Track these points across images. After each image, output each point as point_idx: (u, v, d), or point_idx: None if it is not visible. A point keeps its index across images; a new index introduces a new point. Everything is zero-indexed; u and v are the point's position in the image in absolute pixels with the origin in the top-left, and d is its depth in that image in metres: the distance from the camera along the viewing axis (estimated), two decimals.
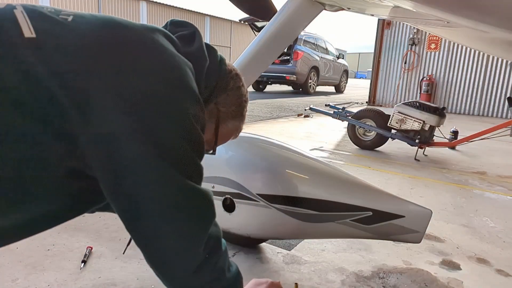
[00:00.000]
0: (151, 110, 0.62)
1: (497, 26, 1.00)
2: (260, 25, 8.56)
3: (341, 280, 1.29)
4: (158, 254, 0.65)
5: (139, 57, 0.65)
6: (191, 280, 0.67)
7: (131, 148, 0.60)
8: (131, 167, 0.61)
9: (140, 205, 0.62)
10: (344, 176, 1.25)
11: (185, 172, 0.65)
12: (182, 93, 0.67)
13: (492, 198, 2.38)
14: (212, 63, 0.80)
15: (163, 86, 0.65)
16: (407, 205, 1.18)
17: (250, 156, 1.30)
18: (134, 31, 0.68)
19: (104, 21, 0.67)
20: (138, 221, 0.64)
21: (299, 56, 10.60)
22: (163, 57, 0.67)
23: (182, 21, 0.83)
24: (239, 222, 1.33)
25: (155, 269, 0.67)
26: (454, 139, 3.79)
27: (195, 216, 0.67)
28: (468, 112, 8.27)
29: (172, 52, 0.69)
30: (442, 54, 8.37)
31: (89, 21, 0.66)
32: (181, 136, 0.65)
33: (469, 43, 2.35)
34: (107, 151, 0.60)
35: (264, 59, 1.54)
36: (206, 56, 0.79)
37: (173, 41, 0.74)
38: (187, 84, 0.67)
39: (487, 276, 1.40)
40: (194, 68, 0.74)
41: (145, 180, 0.62)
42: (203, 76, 0.77)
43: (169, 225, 0.64)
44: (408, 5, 1.05)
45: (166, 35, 0.74)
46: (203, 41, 0.80)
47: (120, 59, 0.63)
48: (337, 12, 1.51)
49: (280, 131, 4.45)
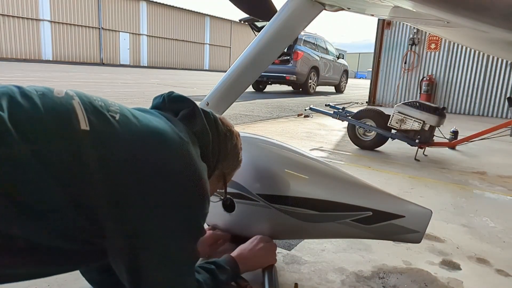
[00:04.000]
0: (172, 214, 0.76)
1: (497, 26, 1.00)
2: (260, 25, 8.57)
3: (341, 280, 1.29)
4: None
5: (174, 174, 0.76)
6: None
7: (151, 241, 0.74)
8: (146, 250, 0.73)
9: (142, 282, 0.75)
10: (344, 176, 1.25)
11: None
12: (201, 202, 0.81)
13: (492, 198, 2.38)
14: (213, 135, 0.93)
15: (189, 193, 0.78)
16: (407, 205, 1.18)
17: (250, 156, 1.30)
18: (169, 150, 0.78)
19: (143, 132, 0.76)
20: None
21: (299, 56, 10.60)
22: (191, 170, 0.79)
23: (179, 96, 0.95)
24: (239, 222, 1.33)
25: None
26: (454, 139, 3.79)
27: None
28: (468, 112, 8.27)
29: (197, 163, 0.81)
30: (442, 54, 8.37)
31: (132, 127, 0.75)
32: (190, 240, 0.80)
33: (469, 43, 2.35)
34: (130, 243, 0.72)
35: (264, 59, 1.54)
36: (209, 131, 0.92)
37: (194, 141, 0.87)
38: (207, 192, 0.82)
39: (487, 276, 1.40)
40: (201, 145, 0.88)
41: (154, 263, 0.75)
42: (210, 150, 0.91)
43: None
44: (408, 5, 1.05)
45: (192, 141, 0.86)
46: (203, 116, 0.92)
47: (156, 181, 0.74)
48: (337, 12, 1.51)
49: (280, 131, 4.45)
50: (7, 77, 9.92)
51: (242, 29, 37.79)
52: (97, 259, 0.78)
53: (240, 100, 7.17)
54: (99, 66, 24.22)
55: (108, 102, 0.78)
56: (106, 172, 0.67)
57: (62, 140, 0.64)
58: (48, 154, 0.62)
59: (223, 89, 1.55)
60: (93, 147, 0.67)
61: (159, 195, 0.73)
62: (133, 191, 0.70)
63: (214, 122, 0.96)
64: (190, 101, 0.94)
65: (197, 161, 0.81)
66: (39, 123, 0.63)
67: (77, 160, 0.65)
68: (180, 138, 0.81)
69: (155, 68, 28.30)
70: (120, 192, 0.69)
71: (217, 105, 1.55)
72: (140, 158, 0.72)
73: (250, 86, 1.80)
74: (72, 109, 0.68)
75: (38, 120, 0.63)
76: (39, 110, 0.64)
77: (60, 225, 0.64)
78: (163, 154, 0.76)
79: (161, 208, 0.73)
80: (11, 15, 22.39)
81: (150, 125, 0.78)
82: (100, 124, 0.70)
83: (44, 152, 0.62)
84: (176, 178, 0.76)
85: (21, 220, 0.60)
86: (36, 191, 0.60)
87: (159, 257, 0.74)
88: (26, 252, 0.64)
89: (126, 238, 0.71)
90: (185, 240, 0.78)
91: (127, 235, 0.71)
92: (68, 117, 0.67)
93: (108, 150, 0.69)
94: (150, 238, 0.72)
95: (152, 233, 0.73)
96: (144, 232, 0.72)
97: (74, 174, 0.64)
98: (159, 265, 0.75)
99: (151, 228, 0.72)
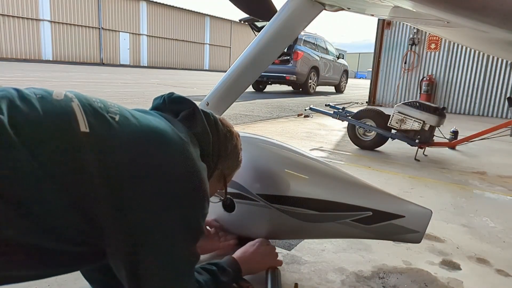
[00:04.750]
0: (172, 213, 0.75)
1: (497, 26, 1.00)
2: (260, 25, 8.57)
3: (341, 280, 1.29)
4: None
5: (173, 170, 0.76)
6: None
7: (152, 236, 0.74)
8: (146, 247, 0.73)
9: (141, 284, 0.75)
10: (344, 176, 1.25)
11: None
12: (201, 202, 0.80)
13: (492, 198, 2.38)
14: (213, 136, 0.93)
15: (188, 194, 0.78)
16: (407, 205, 1.18)
17: (250, 156, 1.30)
18: (169, 150, 0.78)
19: (143, 133, 0.76)
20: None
21: (299, 56, 10.60)
22: (191, 171, 0.79)
23: (180, 97, 0.95)
24: (239, 222, 1.33)
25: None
26: (454, 139, 3.79)
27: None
28: (468, 112, 8.27)
29: (196, 163, 0.81)
30: (442, 54, 8.37)
31: (132, 128, 0.75)
32: (190, 240, 0.80)
33: (469, 43, 2.35)
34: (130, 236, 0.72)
35: (264, 59, 1.54)
36: (209, 132, 0.92)
37: (193, 141, 0.86)
38: (206, 192, 0.81)
39: (487, 276, 1.40)
40: (202, 146, 0.88)
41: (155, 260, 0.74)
42: (210, 151, 0.92)
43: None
44: (408, 5, 1.05)
45: (192, 141, 0.86)
46: (203, 116, 0.93)
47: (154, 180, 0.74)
48: (337, 12, 1.51)
49: (280, 131, 4.45)
50: (7, 77, 9.92)
51: (242, 29, 37.79)
52: (96, 261, 0.77)
53: (240, 100, 7.17)
54: (99, 66, 24.21)
55: (108, 103, 0.78)
56: (105, 174, 0.67)
57: (62, 143, 0.65)
58: (47, 157, 0.62)
59: (223, 89, 1.55)
60: (93, 150, 0.67)
61: (158, 196, 0.73)
62: (132, 193, 0.70)
63: (214, 123, 0.97)
64: (191, 102, 0.94)
65: (196, 161, 0.81)
66: (38, 127, 0.63)
67: (77, 163, 0.65)
68: (180, 138, 0.81)
69: (155, 68, 28.30)
70: (120, 194, 0.69)
71: (217, 105, 1.55)
72: (140, 159, 0.72)
73: (250, 86, 1.80)
74: (72, 112, 0.68)
75: (38, 124, 0.63)
76: (38, 113, 0.64)
77: (59, 227, 0.64)
78: (163, 155, 0.76)
79: (160, 208, 0.73)
80: (11, 15, 22.39)
81: (150, 125, 0.78)
82: (100, 126, 0.70)
83: (43, 155, 0.62)
84: (175, 179, 0.76)
85: (20, 223, 0.60)
86: (35, 194, 0.60)
87: (159, 258, 0.74)
88: (26, 255, 0.64)
89: (126, 239, 0.71)
90: (185, 241, 0.78)
91: (127, 236, 0.71)
92: (67, 120, 0.67)
93: (108, 152, 0.69)
94: (150, 239, 0.72)
95: (152, 233, 0.73)
96: (144, 233, 0.72)
97: (74, 177, 0.64)
98: (159, 265, 0.75)
99: (151, 228, 0.72)
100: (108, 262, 0.76)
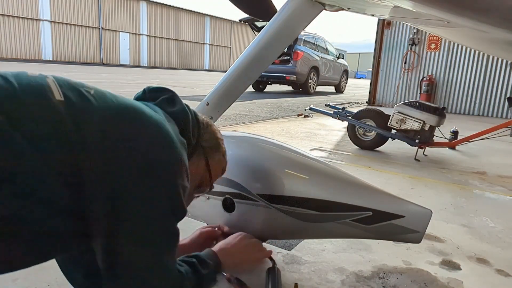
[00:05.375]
0: (148, 182, 0.76)
1: (497, 26, 1.00)
2: (260, 25, 8.57)
3: (341, 280, 1.29)
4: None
5: (149, 149, 0.78)
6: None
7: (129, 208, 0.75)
8: (126, 225, 0.75)
9: (118, 260, 0.76)
10: (344, 176, 1.25)
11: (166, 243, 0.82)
12: (178, 169, 0.81)
13: (492, 198, 2.38)
14: (192, 119, 0.97)
15: (164, 162, 0.79)
16: (407, 205, 1.18)
17: (250, 156, 1.30)
18: (144, 122, 0.80)
19: (118, 107, 0.78)
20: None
21: (299, 56, 10.60)
22: (167, 141, 0.81)
23: (159, 86, 0.99)
24: (239, 222, 1.33)
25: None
26: (454, 139, 3.79)
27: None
28: (468, 112, 8.27)
29: (171, 134, 0.82)
30: (442, 54, 8.37)
31: (107, 102, 0.78)
32: (170, 213, 0.81)
33: (469, 43, 2.35)
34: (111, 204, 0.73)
35: (264, 59, 1.54)
36: (188, 112, 0.96)
37: (169, 119, 0.89)
38: (183, 161, 0.82)
39: (487, 276, 1.40)
40: (180, 124, 0.92)
41: (128, 239, 0.75)
42: (190, 129, 0.94)
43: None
44: (408, 5, 1.05)
45: (168, 119, 0.88)
46: (182, 101, 0.98)
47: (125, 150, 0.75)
48: (337, 12, 1.51)
49: (280, 131, 4.45)
50: None
51: (242, 29, 37.78)
52: (82, 243, 0.78)
53: (240, 100, 7.17)
54: (99, 66, 24.22)
55: (85, 83, 0.80)
56: (83, 140, 0.69)
57: (39, 109, 0.67)
58: (25, 123, 0.65)
59: (223, 89, 1.55)
60: (70, 114, 0.70)
61: (134, 163, 0.75)
62: (108, 161, 0.72)
63: (194, 112, 1.01)
64: (170, 90, 0.99)
65: (172, 133, 0.83)
66: (15, 97, 0.66)
67: (56, 128, 0.67)
68: (155, 113, 0.84)
69: (155, 68, 28.30)
70: (97, 161, 0.70)
71: (217, 105, 1.55)
72: (115, 129, 0.75)
73: (250, 86, 1.80)
74: (46, 84, 0.71)
75: (14, 94, 0.66)
76: (13, 86, 0.67)
77: (41, 193, 0.65)
78: (138, 125, 0.78)
79: (136, 175, 0.75)
80: (11, 15, 22.39)
81: (126, 101, 0.82)
82: (75, 96, 0.73)
83: (21, 121, 0.64)
84: (150, 148, 0.77)
85: (2, 194, 0.61)
86: (14, 159, 0.62)
87: (137, 229, 0.75)
88: (9, 235, 0.64)
89: (105, 207, 0.72)
90: (164, 214, 0.79)
91: (106, 202, 0.72)
92: (42, 89, 0.70)
93: (84, 119, 0.71)
94: (128, 209, 0.74)
95: (130, 203, 0.74)
96: (122, 203, 0.73)
97: (53, 141, 0.66)
98: (137, 239, 0.75)
99: (129, 198, 0.74)
100: (92, 246, 0.76)
